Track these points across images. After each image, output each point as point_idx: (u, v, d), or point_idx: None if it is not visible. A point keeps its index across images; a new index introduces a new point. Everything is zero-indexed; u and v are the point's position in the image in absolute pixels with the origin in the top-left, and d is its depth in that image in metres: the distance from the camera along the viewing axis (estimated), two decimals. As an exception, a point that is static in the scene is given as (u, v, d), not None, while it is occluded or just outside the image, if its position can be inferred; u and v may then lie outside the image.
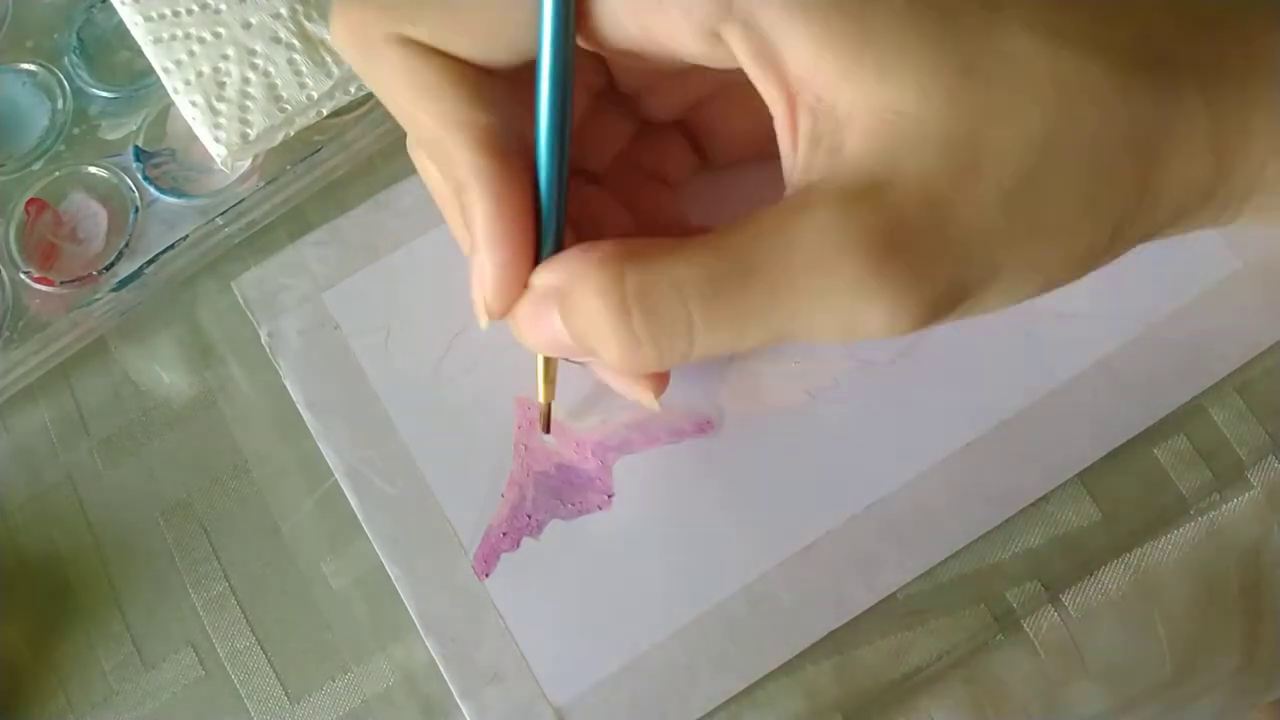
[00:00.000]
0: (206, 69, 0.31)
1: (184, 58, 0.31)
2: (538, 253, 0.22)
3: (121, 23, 0.32)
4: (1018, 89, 0.19)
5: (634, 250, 0.20)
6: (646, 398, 0.26)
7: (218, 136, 0.31)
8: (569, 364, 0.27)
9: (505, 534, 0.28)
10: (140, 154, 0.32)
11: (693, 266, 0.20)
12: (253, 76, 0.31)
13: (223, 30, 0.31)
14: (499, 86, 0.22)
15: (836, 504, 0.27)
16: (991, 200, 0.19)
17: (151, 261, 0.31)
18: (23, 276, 0.31)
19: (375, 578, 0.28)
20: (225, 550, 0.29)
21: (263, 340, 0.30)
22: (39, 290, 0.31)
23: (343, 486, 0.29)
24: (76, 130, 0.33)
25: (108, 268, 0.31)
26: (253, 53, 0.31)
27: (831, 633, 0.26)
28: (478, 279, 0.22)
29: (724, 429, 0.28)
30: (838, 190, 0.19)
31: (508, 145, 0.21)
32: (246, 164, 0.32)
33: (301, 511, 0.29)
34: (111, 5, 0.32)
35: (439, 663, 0.27)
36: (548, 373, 0.26)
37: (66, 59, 0.34)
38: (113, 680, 0.28)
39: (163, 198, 0.32)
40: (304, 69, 0.31)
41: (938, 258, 0.19)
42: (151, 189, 0.32)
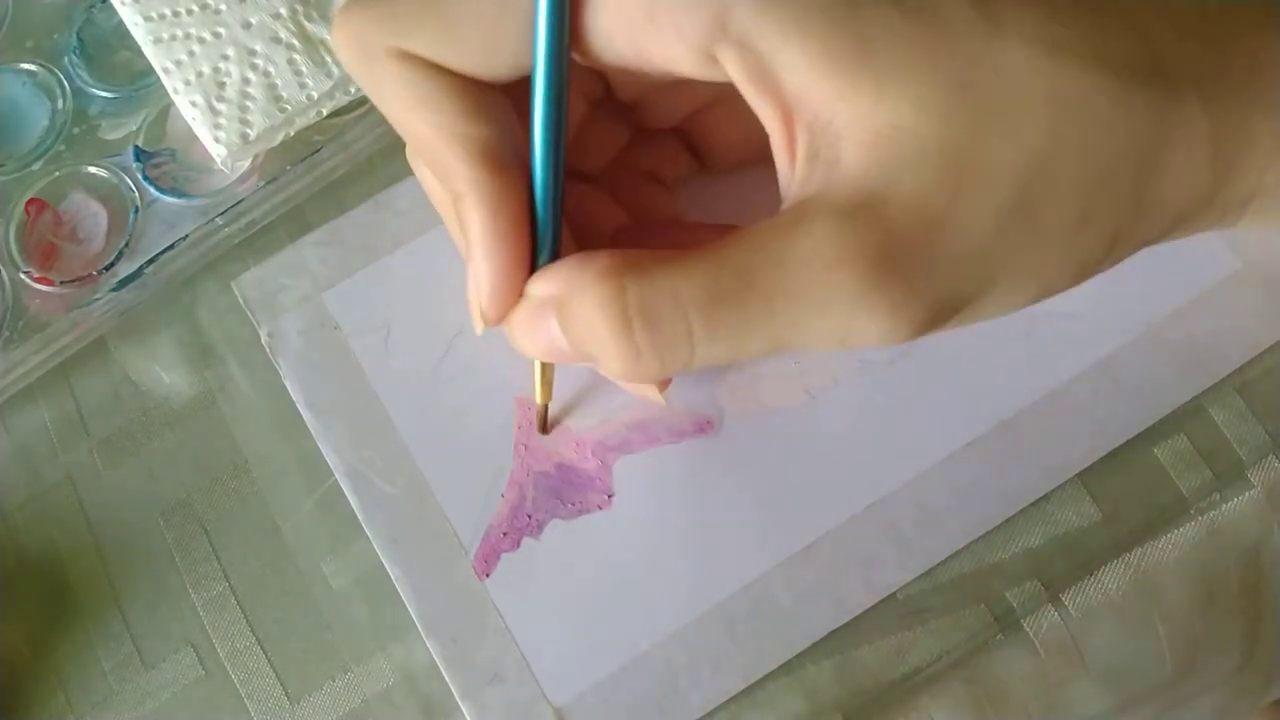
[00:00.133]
0: (206, 69, 0.31)
1: (184, 58, 0.31)
2: (533, 261, 0.22)
3: (121, 23, 0.32)
4: (1015, 103, 0.19)
5: (633, 262, 0.20)
6: (653, 394, 0.27)
7: (218, 136, 0.31)
8: (569, 365, 0.27)
9: (505, 534, 0.28)
10: (140, 154, 0.32)
11: (693, 279, 0.20)
12: (253, 77, 0.31)
13: (223, 30, 0.31)
14: (496, 99, 0.22)
15: (836, 504, 0.27)
16: (988, 214, 0.19)
17: (151, 261, 0.31)
18: (23, 276, 0.31)
19: (375, 578, 0.28)
20: (225, 550, 0.29)
21: (263, 340, 0.30)
22: (39, 290, 0.31)
23: (343, 486, 0.29)
24: (76, 130, 0.33)
25: (108, 268, 0.31)
26: (253, 53, 0.31)
27: (831, 633, 0.26)
28: (474, 286, 0.22)
29: (724, 429, 0.28)
30: (835, 204, 0.19)
31: (504, 157, 0.22)
32: (246, 164, 0.32)
33: (301, 511, 0.29)
34: (111, 5, 0.32)
35: (439, 663, 0.27)
36: (544, 376, 0.27)
37: (66, 59, 0.34)
38: (113, 680, 0.28)
39: (163, 198, 0.32)
40: (304, 69, 0.31)
41: (935, 271, 0.19)
42: (151, 189, 0.32)
